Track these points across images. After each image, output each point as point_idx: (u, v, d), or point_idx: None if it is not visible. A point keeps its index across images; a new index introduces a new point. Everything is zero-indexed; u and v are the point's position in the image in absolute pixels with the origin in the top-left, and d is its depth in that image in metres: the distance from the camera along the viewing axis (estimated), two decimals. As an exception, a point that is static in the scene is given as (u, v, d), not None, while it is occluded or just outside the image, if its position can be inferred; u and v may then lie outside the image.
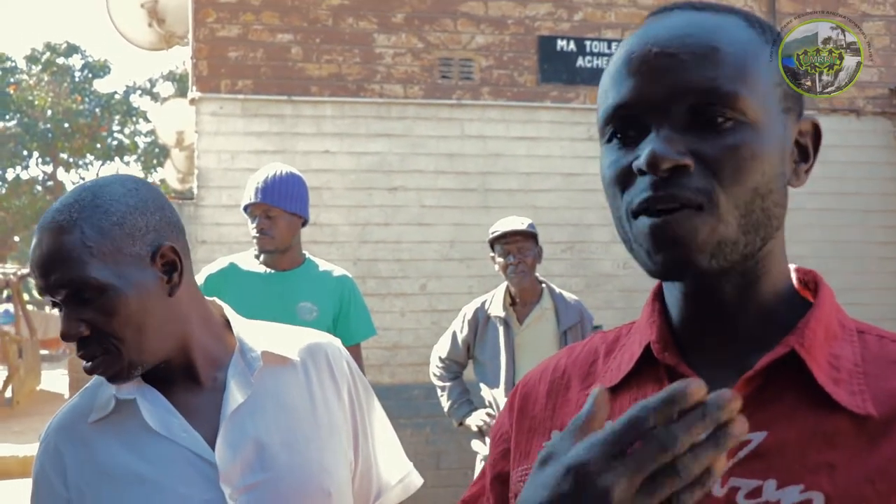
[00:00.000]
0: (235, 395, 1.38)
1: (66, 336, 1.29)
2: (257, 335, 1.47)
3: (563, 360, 0.99)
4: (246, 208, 3.28)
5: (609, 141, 0.84)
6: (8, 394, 13.33)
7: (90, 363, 1.31)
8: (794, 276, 0.90)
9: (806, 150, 0.86)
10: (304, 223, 3.32)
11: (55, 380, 16.41)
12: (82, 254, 1.27)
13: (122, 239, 1.31)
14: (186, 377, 1.39)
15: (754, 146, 0.78)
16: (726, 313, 0.84)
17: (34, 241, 1.32)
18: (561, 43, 6.42)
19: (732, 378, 0.81)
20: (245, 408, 1.38)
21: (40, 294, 1.33)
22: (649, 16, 0.87)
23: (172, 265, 1.36)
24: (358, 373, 1.55)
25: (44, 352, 19.07)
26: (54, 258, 1.27)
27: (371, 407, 1.56)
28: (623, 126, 0.82)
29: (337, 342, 1.57)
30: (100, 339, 1.29)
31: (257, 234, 3.21)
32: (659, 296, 0.92)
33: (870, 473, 0.74)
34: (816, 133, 0.87)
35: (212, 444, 1.35)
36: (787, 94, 0.83)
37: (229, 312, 1.50)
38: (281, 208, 3.20)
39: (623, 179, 0.81)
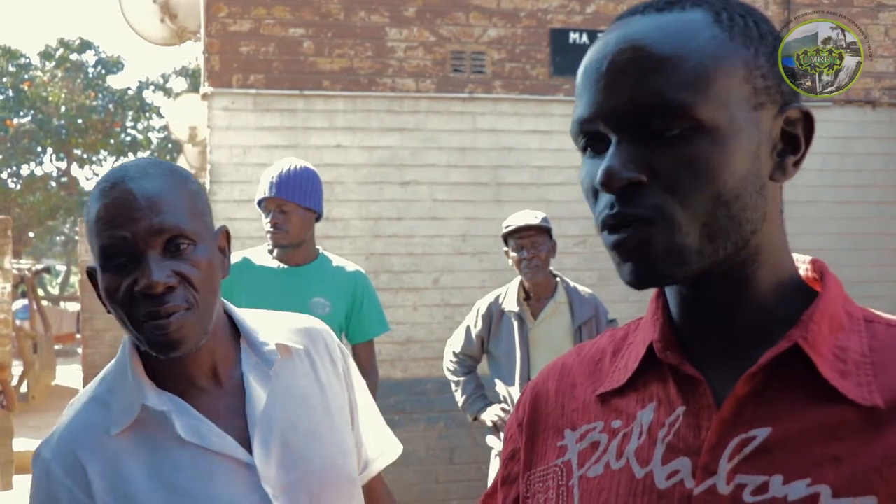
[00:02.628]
0: (259, 393, 1.36)
1: (156, 285, 1.21)
2: (260, 325, 1.45)
3: (572, 359, 1.00)
4: (260, 203, 3.27)
5: (584, 150, 0.84)
6: (23, 389, 13.40)
7: (170, 318, 1.23)
8: (804, 267, 0.89)
9: (796, 139, 0.83)
10: (318, 218, 3.31)
11: (70, 375, 16.50)
12: (181, 204, 1.26)
13: (203, 206, 1.33)
14: (208, 375, 1.36)
15: (712, 155, 0.76)
16: (723, 310, 0.83)
17: (114, 191, 1.24)
18: (573, 36, 6.39)
19: (736, 375, 0.81)
20: (268, 404, 1.36)
21: (113, 249, 1.23)
22: (615, 20, 0.86)
23: (223, 250, 1.38)
24: (344, 350, 1.56)
25: (58, 347, 19.17)
26: (154, 203, 1.23)
27: (357, 380, 1.57)
28: (588, 138, 0.82)
29: (324, 325, 1.57)
30: (185, 292, 1.25)
31: (271, 229, 3.20)
32: (663, 291, 0.91)
33: (876, 463, 0.73)
34: (808, 121, 0.83)
35: (243, 445, 1.32)
36: (757, 89, 0.79)
37: (228, 305, 1.46)
38: (295, 203, 3.19)
39: (593, 191, 0.82)
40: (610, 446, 0.86)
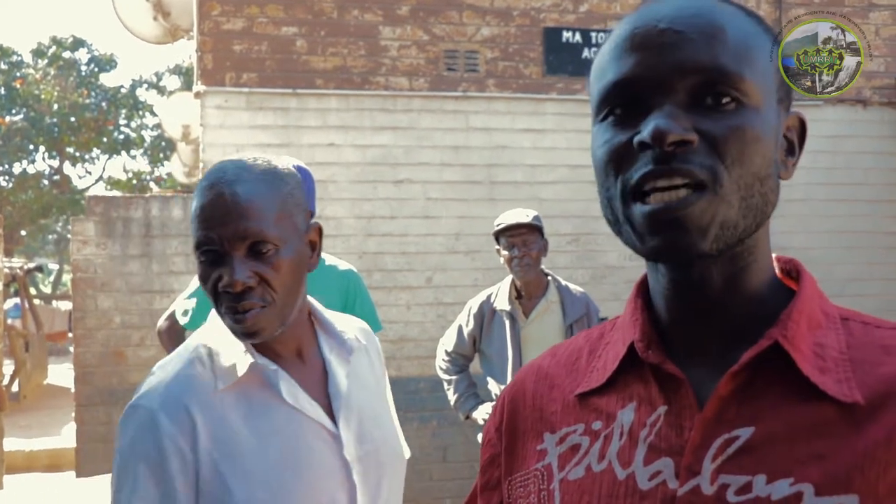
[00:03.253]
0: (339, 374, 1.52)
1: (237, 284, 1.34)
2: (334, 319, 1.61)
3: (548, 360, 0.98)
4: None
5: (604, 119, 0.82)
6: (15, 388, 13.36)
7: (247, 313, 1.37)
8: (775, 265, 0.89)
9: (792, 143, 0.86)
10: (311, 216, 3.31)
11: (62, 374, 16.46)
12: (268, 211, 1.37)
13: (293, 208, 1.43)
14: (292, 353, 1.49)
15: (757, 129, 0.77)
16: (713, 304, 0.83)
17: (210, 192, 1.37)
18: (567, 34, 6.39)
19: (718, 374, 0.80)
20: (348, 385, 1.52)
21: (206, 244, 1.36)
22: None
23: (314, 244, 1.51)
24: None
25: (50, 345, 19.12)
26: (242, 210, 1.35)
27: (388, 386, 1.76)
28: (622, 103, 0.80)
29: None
30: (263, 292, 1.37)
31: None
32: (642, 292, 0.90)
33: (858, 460, 0.73)
34: (802, 128, 0.87)
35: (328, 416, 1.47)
36: (781, 84, 0.83)
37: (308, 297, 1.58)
38: None
39: (619, 158, 0.80)
40: (592, 448, 0.85)
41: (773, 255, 0.89)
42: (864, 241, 6.76)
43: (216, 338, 1.47)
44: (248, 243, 1.36)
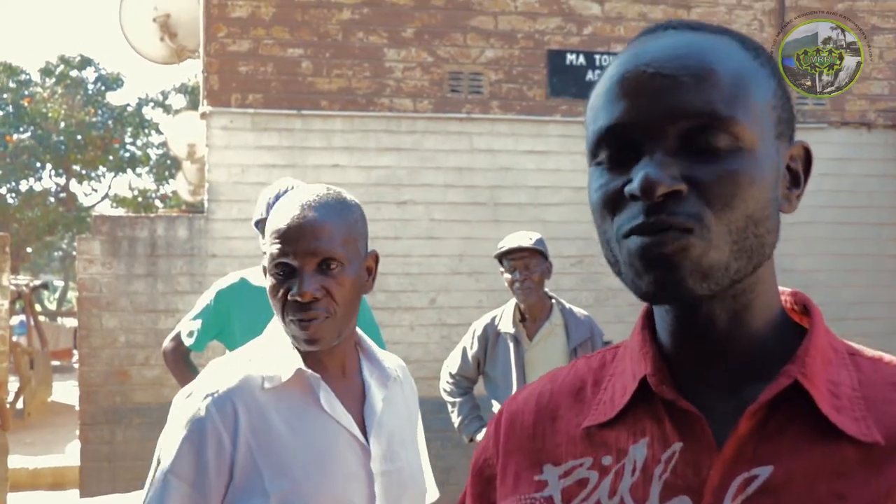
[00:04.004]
0: (376, 395, 1.65)
1: (307, 295, 1.50)
2: (377, 350, 1.75)
3: (548, 386, 0.96)
4: (257, 223, 3.26)
5: (599, 163, 0.82)
6: (19, 405, 13.36)
7: (311, 322, 1.52)
8: (784, 299, 0.88)
9: (797, 175, 0.85)
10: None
11: (66, 391, 16.44)
12: (337, 234, 1.55)
13: (357, 234, 1.60)
14: (337, 369, 1.63)
15: (750, 172, 0.76)
16: (719, 340, 0.82)
17: (289, 213, 1.55)
18: (570, 57, 6.43)
19: (732, 411, 0.80)
20: (384, 406, 1.65)
21: (281, 257, 1.53)
22: (641, 34, 0.84)
23: (370, 270, 1.66)
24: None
25: (55, 363, 19.12)
26: (316, 231, 1.53)
27: (420, 426, 1.87)
28: (614, 148, 0.80)
29: None
30: (327, 303, 1.53)
31: None
32: (648, 323, 0.89)
33: (878, 500, 0.73)
34: (807, 158, 0.85)
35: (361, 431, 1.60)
36: (780, 119, 0.81)
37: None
38: None
39: (613, 203, 0.79)
40: (601, 483, 0.84)
41: (780, 290, 0.88)
42: (868, 264, 6.75)
43: (269, 346, 1.63)
44: (318, 260, 1.53)
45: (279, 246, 1.54)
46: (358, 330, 1.73)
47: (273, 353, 1.61)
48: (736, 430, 0.77)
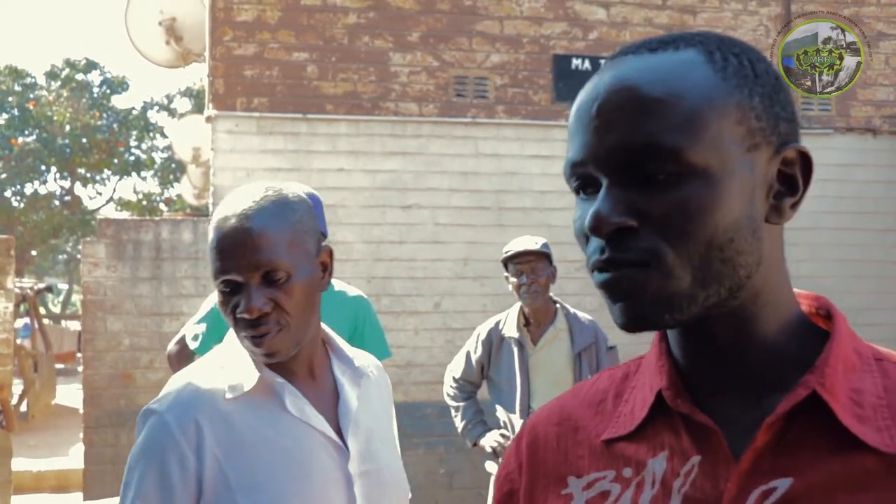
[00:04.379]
0: (350, 395, 1.60)
1: (253, 311, 1.44)
2: (347, 348, 1.69)
3: (569, 401, 0.96)
4: None
5: (577, 193, 0.83)
6: (23, 408, 13.37)
7: (263, 337, 1.46)
8: (806, 304, 0.87)
9: (793, 180, 0.81)
10: (323, 238, 3.32)
11: (70, 394, 16.46)
12: (279, 241, 1.47)
13: (302, 234, 1.52)
14: (305, 371, 1.58)
15: (704, 198, 0.75)
16: (729, 354, 0.81)
17: (224, 226, 1.47)
18: (576, 62, 6.43)
19: (751, 423, 0.79)
20: (359, 405, 1.61)
21: (223, 274, 1.46)
22: (608, 60, 0.84)
23: (325, 266, 1.58)
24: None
25: (59, 366, 19.15)
26: (254, 242, 1.45)
27: (395, 425, 1.83)
28: (580, 181, 0.81)
29: None
30: (278, 316, 1.47)
31: None
32: (665, 335, 0.88)
33: None
34: (806, 162, 0.81)
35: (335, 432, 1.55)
36: (751, 130, 0.77)
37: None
38: None
39: (582, 236, 0.81)
40: (623, 496, 0.83)
41: (800, 293, 0.87)
42: (873, 270, 6.74)
43: (231, 353, 1.57)
44: (261, 272, 1.45)
45: (219, 262, 1.46)
46: (326, 328, 1.68)
47: (235, 360, 1.55)
48: (753, 443, 0.77)
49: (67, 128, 21.52)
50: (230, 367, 1.54)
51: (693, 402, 0.82)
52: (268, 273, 1.45)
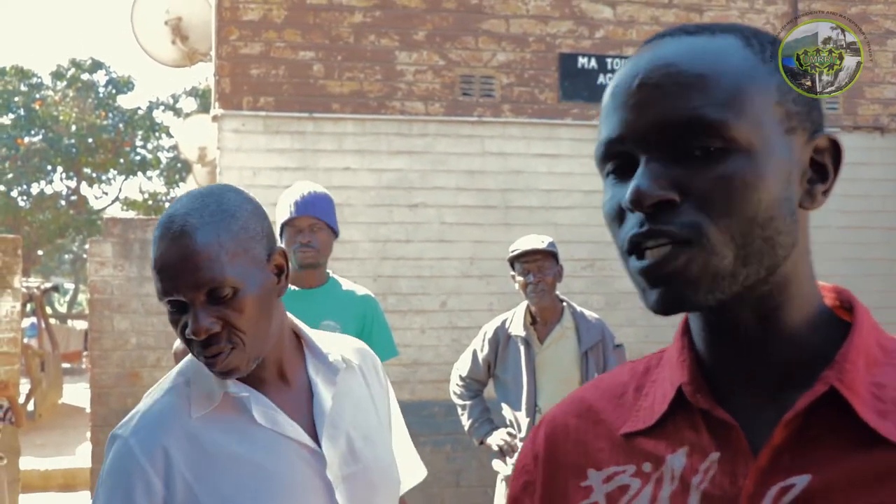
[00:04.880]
0: (325, 394, 1.52)
1: (200, 332, 1.35)
2: (321, 340, 1.61)
3: (589, 393, 0.96)
4: (284, 224, 3.24)
5: (607, 176, 0.82)
6: (30, 407, 13.40)
7: (216, 357, 1.39)
8: (828, 296, 0.86)
9: (824, 168, 0.82)
10: (336, 236, 3.33)
11: (77, 393, 16.50)
12: (220, 255, 1.37)
13: (247, 242, 1.42)
14: (275, 376, 1.51)
15: (747, 174, 0.75)
16: (751, 344, 0.81)
17: (161, 244, 1.38)
18: (582, 60, 6.42)
19: (770, 419, 0.78)
20: (334, 405, 1.53)
21: (166, 295, 1.37)
22: (644, 43, 0.84)
23: (281, 269, 1.49)
24: (386, 374, 1.77)
25: (66, 365, 19.19)
26: (193, 260, 1.36)
27: (395, 404, 1.78)
28: (616, 160, 0.80)
29: (370, 349, 1.77)
30: (229, 335, 1.38)
31: (301, 248, 3.18)
32: (687, 329, 0.88)
33: None
34: (836, 150, 0.82)
35: (311, 437, 1.48)
36: (790, 113, 0.79)
37: (292, 319, 1.61)
38: (325, 222, 3.21)
39: (618, 215, 0.79)
40: (642, 491, 0.84)
41: (826, 285, 0.86)
42: (882, 268, 6.72)
43: (194, 369, 1.50)
44: (204, 291, 1.36)
45: (161, 282, 1.38)
46: (298, 322, 1.61)
47: (199, 376, 1.49)
48: (770, 440, 0.76)
49: (73, 128, 21.55)
50: (196, 382, 1.48)
51: (713, 397, 0.82)
52: (212, 291, 1.36)
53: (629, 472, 0.85)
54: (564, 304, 3.95)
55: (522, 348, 3.84)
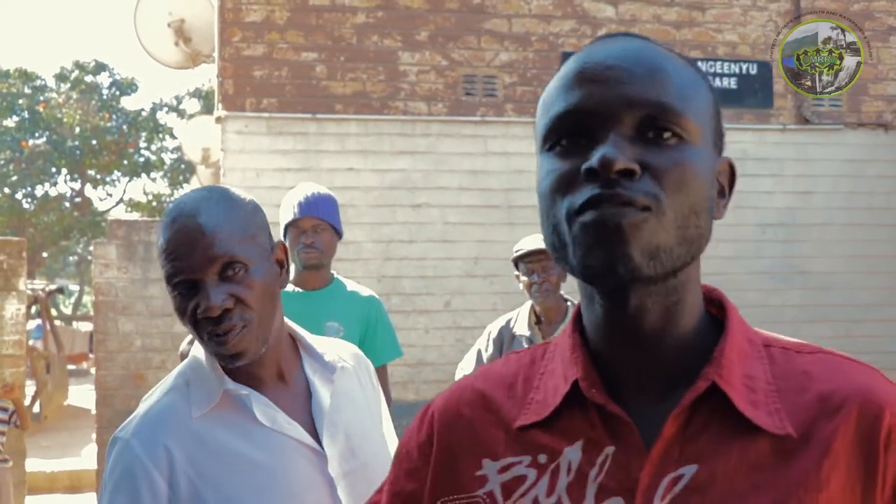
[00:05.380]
0: (323, 394, 1.54)
1: (213, 308, 1.37)
2: (316, 342, 1.63)
3: (479, 382, 0.98)
4: (288, 225, 3.24)
5: (550, 150, 0.85)
6: (36, 409, 13.43)
7: (228, 335, 1.40)
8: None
9: (723, 187, 0.89)
10: (340, 236, 3.33)
11: (82, 395, 16.53)
12: (232, 234, 1.41)
13: (253, 229, 1.47)
14: (273, 376, 1.52)
15: (696, 165, 0.81)
16: (649, 337, 0.85)
17: (173, 227, 1.41)
18: (585, 59, 6.42)
19: (660, 414, 0.83)
20: (332, 404, 1.54)
21: (177, 276, 1.40)
22: (594, 41, 0.89)
23: (281, 263, 1.53)
24: (378, 383, 1.77)
25: (71, 367, 19.22)
26: (207, 237, 1.39)
27: (385, 411, 1.78)
28: (569, 134, 0.83)
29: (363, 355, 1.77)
30: (241, 311, 1.41)
31: (305, 249, 3.19)
32: (579, 326, 0.91)
33: (792, 489, 0.78)
34: (731, 173, 0.90)
35: (311, 435, 1.49)
36: (715, 129, 0.87)
37: (286, 319, 1.61)
38: (329, 223, 3.21)
39: (564, 185, 0.82)
40: (539, 482, 0.87)
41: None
42: (886, 265, 6.71)
43: (195, 368, 1.52)
44: (218, 266, 1.39)
45: (172, 264, 1.40)
46: (294, 325, 1.63)
47: (199, 375, 1.50)
48: (662, 434, 0.82)
49: (77, 129, 21.58)
50: (195, 383, 1.49)
51: (607, 393, 0.86)
52: (224, 267, 1.40)
53: (525, 463, 0.88)
54: (569, 303, 3.95)
55: (526, 347, 3.84)
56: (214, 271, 1.39)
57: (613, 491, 0.82)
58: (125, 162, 22.83)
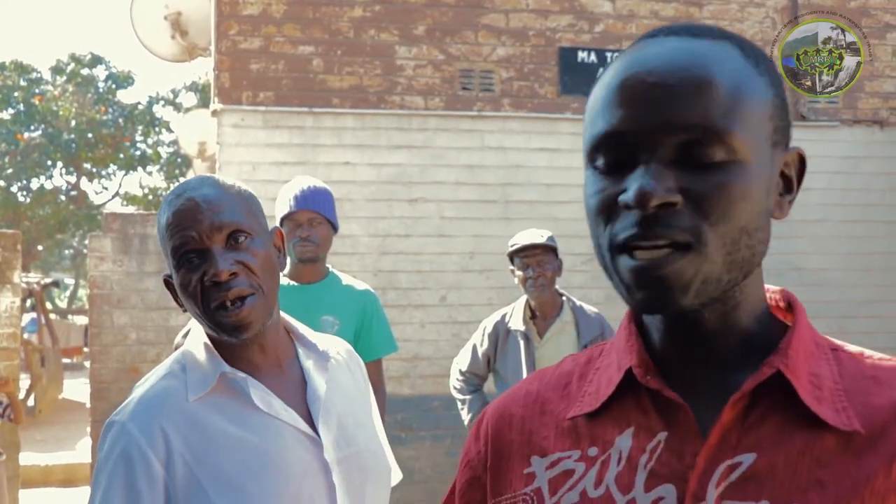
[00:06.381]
0: (318, 382, 1.57)
1: (222, 273, 1.41)
2: (310, 333, 1.67)
3: (535, 384, 0.98)
4: (284, 218, 3.24)
5: (595, 167, 0.83)
6: (30, 402, 13.41)
7: (237, 303, 1.43)
8: (770, 296, 0.90)
9: (790, 181, 0.86)
10: (335, 231, 3.33)
11: (77, 389, 16.52)
12: (239, 206, 1.48)
13: (256, 210, 1.53)
14: (270, 363, 1.55)
15: (743, 185, 0.78)
16: (708, 339, 0.84)
17: (179, 200, 1.46)
18: (582, 54, 6.42)
19: (716, 401, 0.81)
20: (328, 391, 1.57)
21: (184, 246, 1.43)
22: (642, 38, 0.85)
23: (279, 248, 1.58)
24: (367, 380, 1.82)
25: (66, 360, 19.20)
26: (215, 205, 1.45)
27: (375, 406, 1.81)
28: (611, 154, 0.81)
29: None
30: (248, 278, 1.45)
31: (301, 243, 3.19)
32: (636, 318, 0.91)
33: (858, 488, 0.75)
34: (801, 164, 0.86)
35: (306, 422, 1.52)
36: (777, 127, 0.82)
37: (280, 312, 1.64)
38: (325, 216, 3.21)
39: (608, 210, 0.81)
40: (587, 474, 0.85)
41: (767, 287, 0.90)
42: (881, 262, 6.72)
43: (191, 353, 1.54)
44: (224, 234, 1.44)
45: (180, 234, 1.43)
46: (285, 315, 1.65)
47: (196, 359, 1.52)
48: (720, 418, 0.79)
49: (73, 123, 21.52)
50: (192, 367, 1.50)
51: (663, 380, 0.85)
52: (231, 235, 1.45)
53: (573, 458, 0.87)
54: (564, 298, 3.95)
55: (522, 343, 3.84)
56: (221, 239, 1.44)
57: (664, 477, 0.80)
58: (121, 155, 22.77)
